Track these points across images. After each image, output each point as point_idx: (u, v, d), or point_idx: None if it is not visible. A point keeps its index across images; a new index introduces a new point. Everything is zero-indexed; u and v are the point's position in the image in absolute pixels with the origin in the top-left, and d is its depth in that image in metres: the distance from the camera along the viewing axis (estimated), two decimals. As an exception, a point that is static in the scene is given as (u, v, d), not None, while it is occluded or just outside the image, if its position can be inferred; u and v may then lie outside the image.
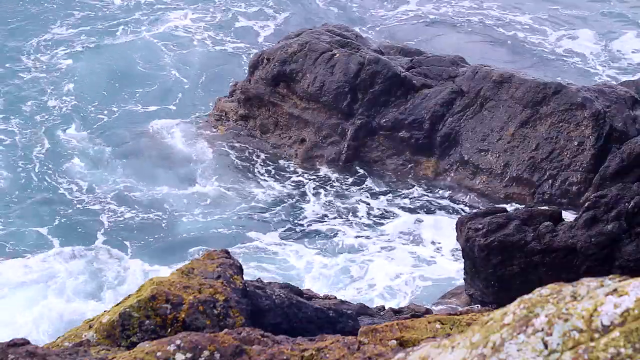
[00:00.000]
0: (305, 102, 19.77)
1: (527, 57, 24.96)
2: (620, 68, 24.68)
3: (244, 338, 5.12)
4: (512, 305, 3.34)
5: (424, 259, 16.93)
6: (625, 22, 27.37)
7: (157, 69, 23.44)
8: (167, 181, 19.09)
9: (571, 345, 3.04)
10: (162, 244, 17.28)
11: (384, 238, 17.55)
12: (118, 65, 23.41)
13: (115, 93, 22.21)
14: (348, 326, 7.81)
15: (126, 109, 21.60)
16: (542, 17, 27.23)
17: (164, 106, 21.71)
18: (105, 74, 22.95)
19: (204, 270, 6.84)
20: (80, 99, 21.83)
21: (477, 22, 26.83)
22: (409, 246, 17.31)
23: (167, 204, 18.45)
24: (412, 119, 19.23)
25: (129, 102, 21.88)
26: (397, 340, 5.72)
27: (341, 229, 17.75)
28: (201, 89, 22.63)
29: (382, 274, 16.41)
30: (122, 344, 6.18)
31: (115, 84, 22.60)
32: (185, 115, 21.31)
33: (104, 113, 21.34)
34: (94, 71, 23.03)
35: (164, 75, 23.12)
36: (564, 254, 12.34)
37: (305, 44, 19.99)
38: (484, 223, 12.63)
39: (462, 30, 26.34)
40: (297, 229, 17.84)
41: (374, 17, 26.94)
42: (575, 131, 18.10)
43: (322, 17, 26.35)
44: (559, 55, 25.18)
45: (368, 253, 17.08)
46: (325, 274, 16.44)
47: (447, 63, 20.09)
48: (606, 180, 12.86)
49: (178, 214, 18.12)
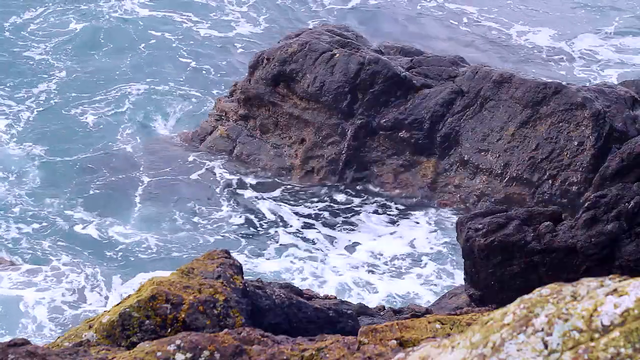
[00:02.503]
0: (305, 102, 19.77)
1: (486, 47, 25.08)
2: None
3: (244, 338, 5.12)
4: (512, 305, 3.34)
5: (424, 258, 16.93)
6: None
7: (157, 68, 23.44)
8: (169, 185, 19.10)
9: (571, 345, 3.04)
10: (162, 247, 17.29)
11: (384, 237, 17.56)
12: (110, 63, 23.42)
13: (113, 92, 22.22)
14: (348, 326, 7.81)
15: (125, 108, 21.59)
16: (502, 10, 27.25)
17: (164, 106, 21.71)
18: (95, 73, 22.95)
19: (204, 270, 6.84)
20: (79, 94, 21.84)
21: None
22: (409, 245, 17.31)
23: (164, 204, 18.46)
24: (412, 119, 19.23)
25: (127, 101, 21.88)
26: (397, 340, 5.72)
27: (341, 230, 17.76)
28: (201, 88, 22.63)
29: (382, 274, 16.41)
30: (122, 344, 6.18)
31: (110, 82, 22.61)
32: (185, 115, 21.32)
33: (104, 112, 21.35)
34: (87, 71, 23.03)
35: (163, 76, 23.12)
36: (564, 254, 12.33)
37: (305, 44, 19.99)
38: (484, 223, 12.62)
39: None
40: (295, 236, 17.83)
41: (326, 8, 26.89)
42: (575, 131, 18.10)
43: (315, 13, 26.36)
44: (520, 47, 25.26)
45: (368, 253, 17.08)
46: (327, 277, 16.44)
47: (447, 63, 20.10)
48: (606, 180, 12.84)
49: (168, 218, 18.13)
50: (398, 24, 26.51)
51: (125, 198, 18.58)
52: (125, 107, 21.71)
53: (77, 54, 23.62)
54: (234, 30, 25.74)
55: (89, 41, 24.34)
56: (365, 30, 23.92)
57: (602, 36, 26.17)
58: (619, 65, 24.92)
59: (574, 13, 27.67)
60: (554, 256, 12.32)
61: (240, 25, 26.09)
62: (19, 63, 23.07)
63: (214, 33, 25.44)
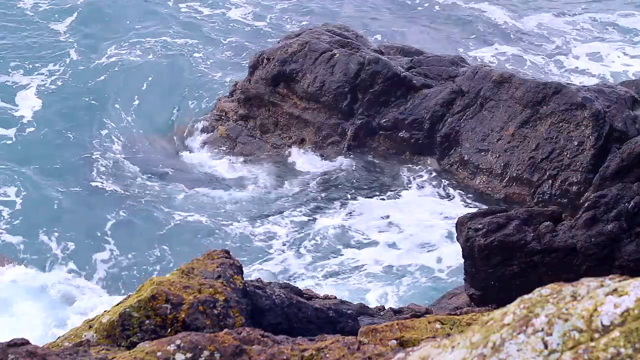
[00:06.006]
0: (305, 102, 19.77)
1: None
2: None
3: (244, 338, 5.12)
4: (512, 305, 3.34)
5: (424, 258, 16.92)
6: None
7: (156, 67, 23.45)
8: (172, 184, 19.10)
9: (571, 345, 3.04)
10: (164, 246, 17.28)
11: (383, 238, 17.55)
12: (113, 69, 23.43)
13: (113, 93, 22.23)
14: (348, 326, 7.81)
15: (123, 109, 21.60)
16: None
17: (163, 106, 21.72)
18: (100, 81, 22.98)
19: (204, 270, 6.84)
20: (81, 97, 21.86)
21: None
22: (409, 246, 17.31)
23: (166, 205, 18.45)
24: (412, 119, 19.23)
25: (126, 102, 21.89)
26: (397, 340, 5.72)
27: (341, 230, 17.75)
28: (201, 88, 22.63)
29: (381, 273, 16.41)
30: (122, 344, 6.18)
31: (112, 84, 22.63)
32: (185, 115, 21.32)
33: (105, 112, 21.36)
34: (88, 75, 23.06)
35: (162, 75, 23.13)
36: (564, 254, 12.33)
37: (305, 43, 19.99)
38: (484, 223, 12.63)
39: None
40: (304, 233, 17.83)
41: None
42: (575, 131, 18.10)
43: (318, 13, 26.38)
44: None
45: (367, 254, 17.08)
46: (327, 273, 16.44)
47: (447, 63, 20.10)
48: (606, 180, 12.85)
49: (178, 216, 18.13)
50: (397, 23, 26.53)
51: (124, 198, 18.57)
52: (125, 107, 21.72)
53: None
54: (234, 30, 25.74)
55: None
56: (366, 31, 23.96)
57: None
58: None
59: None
60: (554, 256, 12.32)
61: (240, 25, 26.09)
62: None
63: (214, 32, 25.44)
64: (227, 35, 25.41)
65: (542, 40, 25.56)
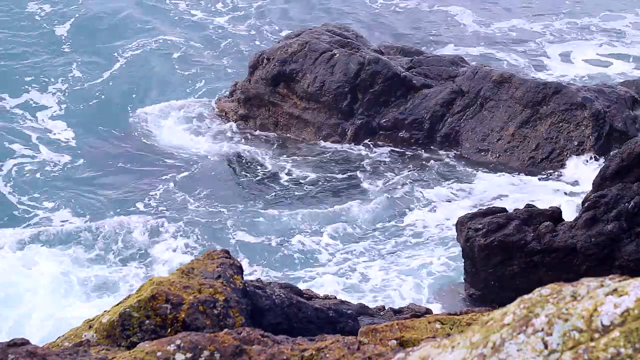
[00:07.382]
0: (305, 102, 19.78)
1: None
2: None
3: (244, 338, 5.12)
4: (512, 305, 3.34)
5: (424, 258, 16.91)
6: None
7: (155, 67, 23.46)
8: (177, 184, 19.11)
9: (571, 345, 3.04)
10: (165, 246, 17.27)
11: (382, 238, 17.55)
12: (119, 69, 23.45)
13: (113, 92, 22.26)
14: (348, 326, 7.80)
15: (124, 109, 21.62)
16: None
17: (164, 105, 21.72)
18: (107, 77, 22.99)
19: (204, 270, 6.84)
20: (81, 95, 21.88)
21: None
22: (409, 245, 17.30)
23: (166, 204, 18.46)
24: (412, 119, 19.24)
25: (127, 102, 21.91)
26: (397, 340, 5.72)
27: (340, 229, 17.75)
28: (202, 88, 22.64)
29: (380, 273, 16.40)
30: (122, 344, 6.18)
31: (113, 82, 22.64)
32: (185, 116, 21.32)
33: (104, 111, 21.38)
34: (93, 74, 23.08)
35: (162, 75, 23.14)
36: (564, 254, 12.34)
37: (305, 43, 20.00)
38: (484, 223, 12.64)
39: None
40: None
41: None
42: (575, 131, 18.10)
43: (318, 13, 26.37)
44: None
45: (366, 254, 17.07)
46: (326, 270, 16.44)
47: (447, 63, 20.11)
48: (606, 180, 12.87)
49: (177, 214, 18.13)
50: (398, 24, 26.53)
51: (122, 197, 18.57)
52: (125, 106, 21.74)
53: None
54: (234, 30, 25.74)
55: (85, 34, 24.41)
56: (365, 30, 23.95)
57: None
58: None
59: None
60: (554, 256, 12.33)
61: (240, 24, 26.09)
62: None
63: (214, 32, 25.44)
64: (227, 35, 25.41)
65: (516, 43, 25.52)
